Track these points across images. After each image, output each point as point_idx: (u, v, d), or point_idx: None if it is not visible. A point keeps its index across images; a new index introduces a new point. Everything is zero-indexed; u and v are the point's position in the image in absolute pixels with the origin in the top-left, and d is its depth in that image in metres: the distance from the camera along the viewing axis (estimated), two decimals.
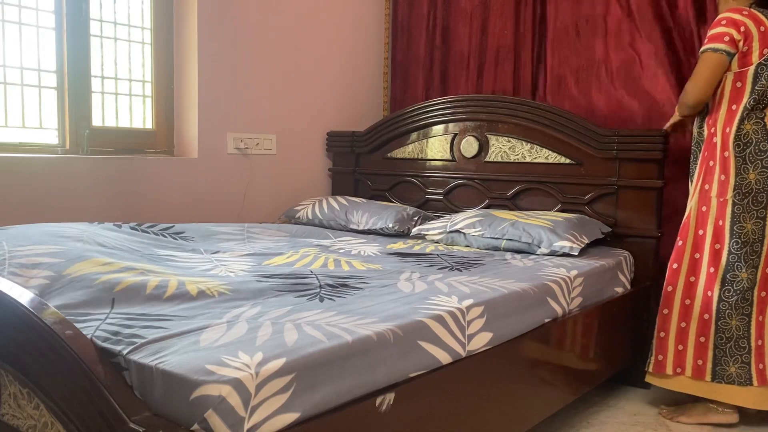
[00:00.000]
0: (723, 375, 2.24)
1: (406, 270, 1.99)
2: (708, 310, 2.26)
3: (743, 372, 2.22)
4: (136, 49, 2.82)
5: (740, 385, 2.22)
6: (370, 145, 3.32)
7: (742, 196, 2.20)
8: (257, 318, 1.38)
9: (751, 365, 2.22)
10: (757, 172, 2.19)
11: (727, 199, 2.21)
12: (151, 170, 2.71)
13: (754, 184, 2.19)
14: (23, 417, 1.27)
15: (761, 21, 2.18)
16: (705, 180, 2.28)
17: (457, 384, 1.56)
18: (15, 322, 1.23)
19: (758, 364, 2.22)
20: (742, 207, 2.20)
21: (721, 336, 2.24)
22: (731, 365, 2.23)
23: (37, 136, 2.53)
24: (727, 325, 2.23)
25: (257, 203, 3.12)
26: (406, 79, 3.61)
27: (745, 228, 2.20)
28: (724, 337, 2.23)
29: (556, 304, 1.97)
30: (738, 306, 2.22)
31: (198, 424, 1.05)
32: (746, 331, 2.22)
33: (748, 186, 2.19)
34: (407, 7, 3.59)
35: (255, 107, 3.07)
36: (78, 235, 1.90)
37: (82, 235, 1.93)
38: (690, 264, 2.31)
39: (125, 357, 1.16)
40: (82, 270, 1.56)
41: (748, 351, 2.22)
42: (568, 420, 2.26)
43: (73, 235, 1.90)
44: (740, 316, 2.22)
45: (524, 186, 2.86)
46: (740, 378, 2.22)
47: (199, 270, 1.83)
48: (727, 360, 2.23)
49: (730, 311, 2.22)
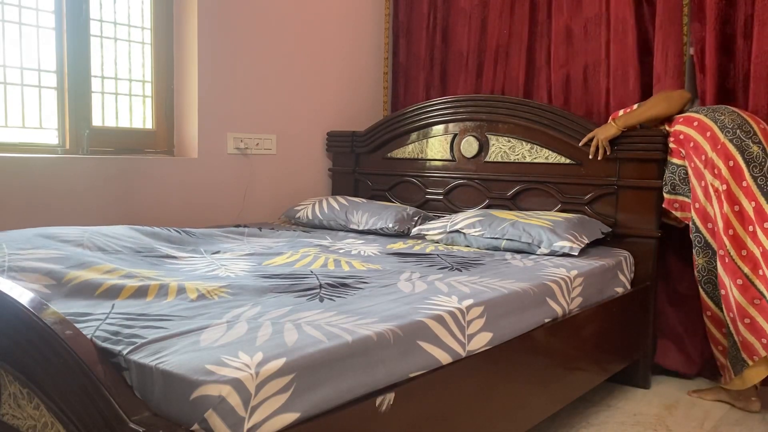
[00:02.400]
0: None
1: (406, 270, 1.99)
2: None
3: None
4: (136, 49, 2.82)
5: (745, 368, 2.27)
6: (370, 145, 3.32)
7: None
8: (257, 318, 1.38)
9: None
10: (755, 145, 2.27)
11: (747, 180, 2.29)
12: (151, 170, 2.71)
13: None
14: (23, 417, 1.27)
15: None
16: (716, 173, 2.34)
17: (457, 384, 1.55)
18: (15, 322, 1.23)
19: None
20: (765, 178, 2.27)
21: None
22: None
23: (37, 136, 2.53)
24: None
25: (257, 203, 3.12)
26: (407, 79, 3.62)
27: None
28: None
29: (556, 304, 1.97)
30: None
31: (198, 424, 1.05)
32: None
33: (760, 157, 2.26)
34: (407, 7, 3.59)
35: (255, 107, 3.07)
36: (78, 239, 1.91)
37: (83, 237, 1.93)
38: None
39: (125, 357, 1.16)
40: (81, 277, 1.57)
41: None
42: (568, 420, 2.26)
43: (73, 239, 1.90)
44: None
45: (524, 186, 2.86)
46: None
47: (199, 273, 1.83)
48: None
49: None
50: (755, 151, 2.22)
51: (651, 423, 2.27)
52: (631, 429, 2.22)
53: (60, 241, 1.87)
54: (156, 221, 2.68)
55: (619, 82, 2.86)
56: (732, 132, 2.25)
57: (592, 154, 2.61)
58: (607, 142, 2.56)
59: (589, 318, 2.15)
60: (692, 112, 2.43)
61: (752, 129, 2.26)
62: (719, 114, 2.33)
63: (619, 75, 2.86)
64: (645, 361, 2.59)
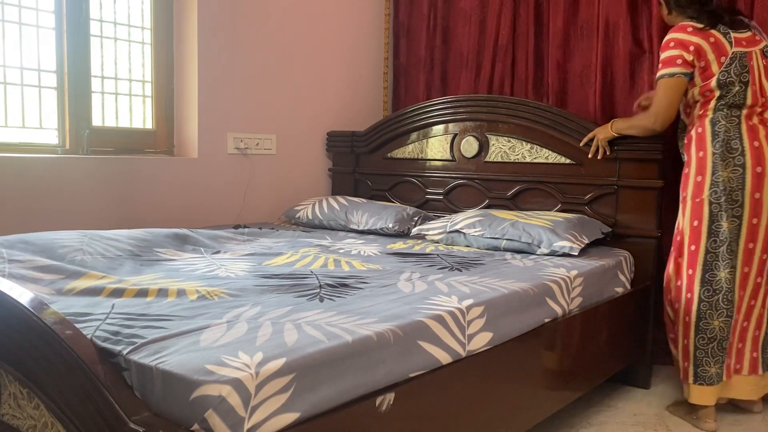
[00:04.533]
0: (704, 376, 2.24)
1: (406, 270, 1.99)
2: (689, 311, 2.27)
3: (721, 372, 2.24)
4: (136, 49, 2.82)
5: (711, 385, 2.23)
6: (370, 145, 3.32)
7: (718, 195, 2.21)
8: (257, 318, 1.38)
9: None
10: (730, 170, 2.20)
11: (703, 198, 2.23)
12: (151, 170, 2.71)
13: (727, 183, 2.20)
14: (23, 417, 1.27)
15: (708, 33, 2.21)
16: (683, 188, 2.32)
17: (457, 384, 1.55)
18: (15, 322, 1.23)
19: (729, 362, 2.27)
20: (718, 206, 2.21)
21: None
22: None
23: (37, 136, 2.53)
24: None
25: (257, 203, 3.12)
26: (408, 79, 3.62)
27: (722, 227, 2.21)
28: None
29: (555, 304, 1.97)
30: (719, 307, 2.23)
31: (198, 424, 1.05)
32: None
33: (722, 184, 2.21)
34: (407, 7, 3.60)
35: (255, 107, 3.07)
36: (78, 244, 1.92)
37: (82, 241, 1.94)
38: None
39: (125, 357, 1.16)
40: (81, 287, 1.58)
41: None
42: (568, 420, 2.26)
43: (73, 244, 1.91)
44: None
45: (524, 186, 2.86)
46: (719, 378, 2.24)
47: (199, 273, 1.83)
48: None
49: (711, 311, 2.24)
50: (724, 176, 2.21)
51: (651, 423, 2.27)
52: (631, 429, 2.22)
53: (60, 245, 1.88)
54: (156, 221, 2.68)
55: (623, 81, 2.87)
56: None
57: (592, 154, 2.61)
58: (606, 142, 2.56)
59: (589, 318, 2.15)
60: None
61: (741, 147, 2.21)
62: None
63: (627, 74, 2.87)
64: (645, 361, 2.59)
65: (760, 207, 2.19)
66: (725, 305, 2.21)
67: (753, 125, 2.22)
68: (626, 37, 2.83)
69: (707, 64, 2.21)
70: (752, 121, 2.22)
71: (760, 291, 2.27)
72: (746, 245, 2.21)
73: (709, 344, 2.23)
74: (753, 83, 2.21)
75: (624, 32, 2.83)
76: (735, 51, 2.20)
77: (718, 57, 2.20)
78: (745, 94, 2.20)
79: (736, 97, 2.20)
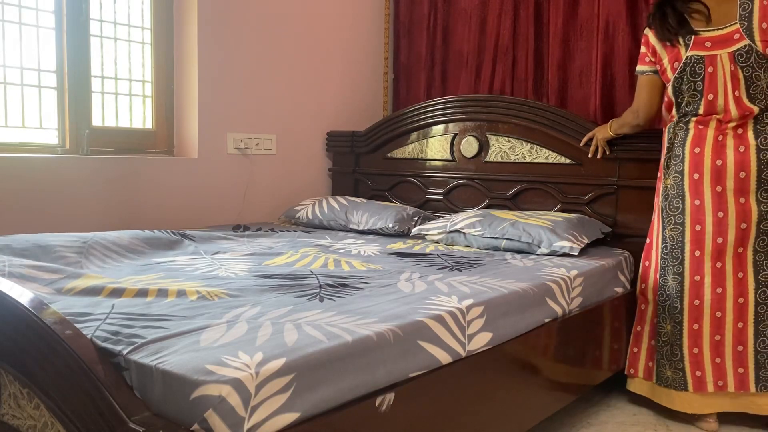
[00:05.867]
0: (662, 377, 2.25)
1: (406, 270, 1.99)
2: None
3: (678, 377, 2.22)
4: (136, 49, 2.82)
5: (676, 389, 2.22)
6: (370, 145, 3.32)
7: (663, 202, 2.24)
8: (257, 318, 1.38)
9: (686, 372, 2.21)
10: (671, 177, 2.21)
11: (657, 204, 2.28)
12: (151, 170, 2.71)
13: (669, 189, 2.21)
14: (23, 417, 1.27)
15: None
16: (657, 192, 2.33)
17: (457, 384, 1.55)
18: (15, 322, 1.23)
19: (695, 371, 2.21)
20: (665, 212, 2.23)
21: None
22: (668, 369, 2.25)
23: (37, 136, 2.53)
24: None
25: (257, 203, 3.12)
26: (408, 79, 3.62)
27: (666, 234, 2.22)
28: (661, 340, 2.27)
29: (555, 304, 1.97)
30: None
31: (198, 424, 1.04)
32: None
33: (665, 191, 2.23)
34: (408, 7, 3.60)
35: (255, 107, 3.07)
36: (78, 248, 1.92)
37: (83, 247, 1.94)
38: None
39: (125, 357, 1.16)
40: (80, 287, 1.58)
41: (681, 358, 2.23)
42: (568, 420, 2.26)
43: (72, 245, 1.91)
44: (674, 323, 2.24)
45: (524, 186, 2.86)
46: (675, 383, 2.22)
47: (199, 273, 1.83)
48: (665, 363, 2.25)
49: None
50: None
51: (651, 423, 2.27)
52: (631, 429, 2.22)
53: (61, 246, 1.88)
54: (156, 221, 2.68)
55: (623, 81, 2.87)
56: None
57: (591, 153, 2.61)
58: (605, 142, 2.56)
59: (589, 318, 2.15)
60: None
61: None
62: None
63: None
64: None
65: (702, 214, 2.15)
66: (671, 311, 2.23)
67: (701, 131, 2.15)
68: (625, 36, 2.83)
69: (662, 68, 2.20)
70: (706, 127, 2.14)
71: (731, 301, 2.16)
72: (692, 253, 2.18)
73: (663, 347, 2.25)
74: (708, 93, 2.10)
75: (623, 31, 2.83)
76: (690, 55, 2.11)
77: (672, 61, 2.15)
78: (699, 105, 2.12)
79: (688, 107, 2.16)
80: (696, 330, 2.21)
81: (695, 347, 2.21)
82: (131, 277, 1.74)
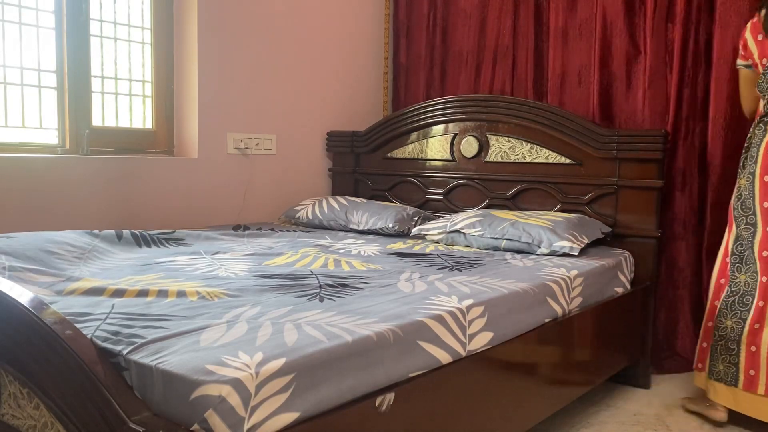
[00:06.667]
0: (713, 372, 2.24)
1: (406, 270, 1.99)
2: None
3: (730, 372, 2.20)
4: (136, 49, 2.82)
5: (726, 384, 2.21)
6: (370, 145, 3.32)
7: (736, 202, 2.22)
8: (257, 318, 1.38)
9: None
10: (744, 178, 2.19)
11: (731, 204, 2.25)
12: (151, 170, 2.71)
13: (742, 190, 2.20)
14: (23, 417, 1.27)
15: (759, 29, 2.14)
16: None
17: (457, 384, 1.55)
18: (15, 322, 1.23)
19: (748, 369, 2.19)
20: (737, 212, 2.21)
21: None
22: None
23: (37, 136, 2.53)
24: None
25: (257, 203, 3.12)
26: (408, 79, 3.62)
27: (741, 234, 2.20)
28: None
29: (556, 304, 1.97)
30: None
31: (198, 424, 1.04)
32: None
33: (738, 191, 2.21)
34: (407, 7, 3.60)
35: (255, 107, 3.07)
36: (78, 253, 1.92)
37: (83, 252, 1.95)
38: None
39: (125, 357, 1.16)
40: (81, 286, 1.58)
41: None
42: (568, 420, 2.26)
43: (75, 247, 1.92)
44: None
45: (524, 186, 2.86)
46: (727, 377, 2.21)
47: (199, 273, 1.83)
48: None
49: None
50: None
51: (651, 423, 2.27)
52: (631, 429, 2.22)
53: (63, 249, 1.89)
54: (156, 221, 2.68)
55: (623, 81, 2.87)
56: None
57: None
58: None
59: (589, 318, 2.15)
60: None
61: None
62: None
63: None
64: (645, 361, 2.59)
65: None
66: (740, 307, 2.19)
67: None
68: (623, 36, 2.83)
69: (754, 63, 2.15)
70: None
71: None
72: (760, 253, 2.17)
73: (719, 341, 2.23)
74: None
75: (621, 31, 2.83)
76: None
77: (761, 57, 2.13)
78: None
79: None
80: (756, 329, 2.18)
81: (753, 345, 2.18)
82: (131, 277, 1.74)
